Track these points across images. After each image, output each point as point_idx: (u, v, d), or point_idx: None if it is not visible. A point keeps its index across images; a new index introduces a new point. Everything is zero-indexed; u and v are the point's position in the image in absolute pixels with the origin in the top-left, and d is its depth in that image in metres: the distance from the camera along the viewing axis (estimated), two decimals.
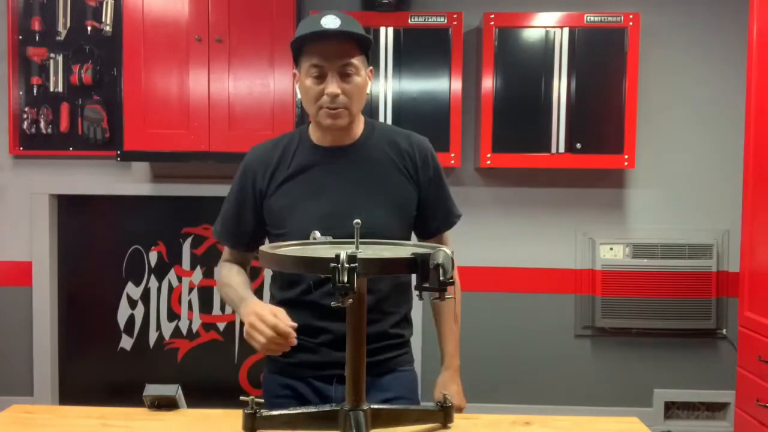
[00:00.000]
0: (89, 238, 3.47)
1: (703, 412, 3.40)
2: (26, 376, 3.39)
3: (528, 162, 3.10)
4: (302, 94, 1.51)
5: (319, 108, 1.47)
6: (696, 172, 3.33)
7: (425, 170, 1.56)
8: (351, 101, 1.47)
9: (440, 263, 1.06)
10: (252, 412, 1.23)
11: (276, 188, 1.54)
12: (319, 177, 1.52)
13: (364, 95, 1.52)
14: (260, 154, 1.59)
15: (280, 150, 1.57)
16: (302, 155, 1.55)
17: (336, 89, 1.44)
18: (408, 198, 1.55)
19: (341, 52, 1.45)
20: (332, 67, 1.44)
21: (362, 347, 1.19)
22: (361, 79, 1.48)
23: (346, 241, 1.25)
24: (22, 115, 3.25)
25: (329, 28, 1.42)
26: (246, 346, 3.41)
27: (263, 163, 1.56)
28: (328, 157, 1.54)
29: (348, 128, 1.53)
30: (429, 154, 1.58)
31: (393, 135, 1.59)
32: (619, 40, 3.05)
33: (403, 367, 1.59)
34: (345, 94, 1.46)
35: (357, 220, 1.17)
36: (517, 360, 3.37)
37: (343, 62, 1.44)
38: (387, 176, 1.53)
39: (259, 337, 1.32)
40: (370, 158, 1.54)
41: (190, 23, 2.99)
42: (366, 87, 1.51)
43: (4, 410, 1.45)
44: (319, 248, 1.24)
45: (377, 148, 1.55)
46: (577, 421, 1.42)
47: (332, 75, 1.44)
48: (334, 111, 1.46)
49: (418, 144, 1.57)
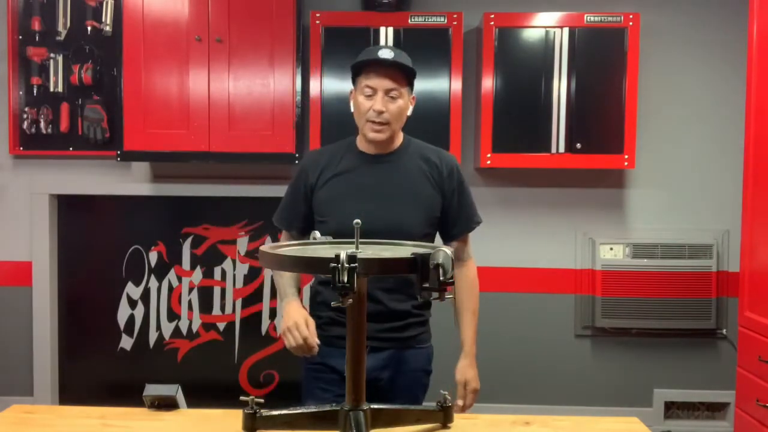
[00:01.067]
0: (89, 238, 3.47)
1: (703, 412, 3.40)
2: (26, 376, 3.39)
3: (528, 162, 3.10)
4: (354, 108, 1.82)
5: (366, 121, 1.78)
6: (696, 172, 3.33)
7: (450, 181, 1.85)
8: (392, 119, 1.77)
9: (440, 263, 1.06)
10: (252, 412, 1.24)
11: (324, 183, 1.83)
12: (360, 177, 1.82)
13: (405, 117, 1.82)
14: (314, 157, 1.91)
15: (330, 154, 1.88)
16: (348, 159, 1.85)
17: (381, 107, 1.75)
18: (432, 201, 1.83)
19: (391, 79, 1.76)
20: (381, 89, 1.76)
21: (362, 347, 1.19)
22: (403, 103, 1.79)
23: (346, 241, 1.25)
24: (22, 115, 3.25)
25: (385, 58, 1.74)
26: (246, 346, 3.44)
27: (315, 164, 1.87)
28: (369, 162, 1.84)
29: (389, 142, 1.82)
30: (454, 168, 1.87)
31: (425, 150, 1.88)
32: (619, 40, 3.05)
33: (422, 344, 1.87)
34: (389, 113, 1.76)
35: (357, 221, 1.17)
36: (517, 360, 3.37)
37: (391, 87, 1.76)
38: (416, 181, 1.82)
39: (291, 340, 1.65)
40: (404, 166, 1.83)
41: (190, 23, 2.99)
42: (407, 110, 1.82)
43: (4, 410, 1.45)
44: (319, 248, 1.24)
45: (411, 159, 1.85)
46: (577, 421, 1.42)
47: (381, 95, 1.76)
48: (378, 126, 1.77)
49: (445, 159, 1.88)
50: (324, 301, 1.86)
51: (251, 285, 3.44)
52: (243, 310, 3.44)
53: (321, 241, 1.29)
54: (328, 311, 1.83)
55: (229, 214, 3.41)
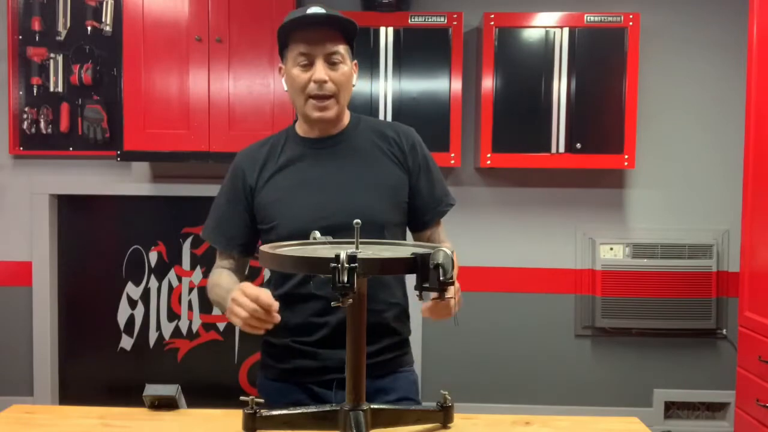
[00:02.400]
0: (89, 238, 3.47)
1: (703, 412, 3.40)
2: (26, 376, 3.39)
3: (528, 162, 3.10)
4: (289, 85, 1.51)
5: (307, 98, 1.47)
6: (696, 172, 3.33)
7: (413, 156, 1.56)
8: (339, 89, 1.47)
9: (440, 263, 1.06)
10: (252, 412, 1.23)
11: (265, 183, 1.53)
12: (307, 168, 1.52)
13: (351, 86, 1.52)
14: (248, 153, 1.59)
15: (268, 147, 1.58)
16: (290, 149, 1.55)
17: (324, 75, 1.44)
18: (399, 181, 1.54)
19: (328, 39, 1.45)
20: (319, 54, 1.45)
21: (362, 347, 1.19)
22: (347, 69, 1.48)
23: (346, 241, 1.25)
24: (22, 115, 3.25)
25: (317, 13, 1.44)
26: (246, 346, 3.43)
27: (251, 161, 1.56)
28: (315, 148, 1.54)
29: (336, 121, 1.53)
30: (416, 141, 1.58)
31: (378, 125, 1.61)
32: (619, 40, 3.05)
33: (404, 368, 1.57)
34: (333, 82, 1.46)
35: (357, 221, 1.16)
36: (517, 360, 3.37)
37: (330, 49, 1.45)
38: (376, 162, 1.53)
39: (240, 310, 1.24)
40: (358, 147, 1.54)
41: (190, 23, 2.99)
42: (352, 78, 1.52)
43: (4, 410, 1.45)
44: (318, 248, 1.24)
45: (364, 138, 1.55)
46: (577, 421, 1.42)
47: (319, 62, 1.45)
48: (321, 102, 1.46)
49: (404, 132, 1.58)
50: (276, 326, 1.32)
51: None
52: None
53: (321, 241, 1.29)
54: (283, 337, 1.50)
55: None
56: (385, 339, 1.52)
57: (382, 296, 1.50)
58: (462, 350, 3.27)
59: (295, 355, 1.50)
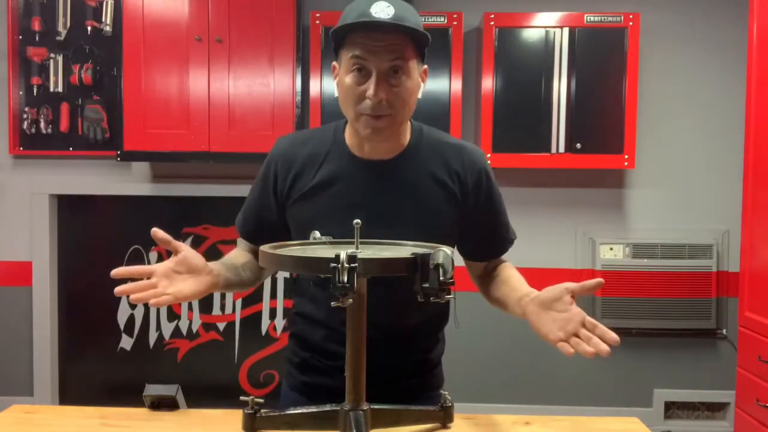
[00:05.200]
0: (89, 238, 3.47)
1: (703, 412, 3.40)
2: (26, 376, 3.39)
3: (528, 162, 3.10)
4: (340, 92, 1.28)
5: (359, 114, 1.25)
6: (696, 172, 3.33)
7: (476, 195, 1.36)
8: (397, 109, 1.25)
9: (440, 263, 1.05)
10: (252, 412, 1.23)
11: (299, 195, 1.34)
12: (350, 192, 1.32)
13: (415, 102, 1.29)
14: (285, 152, 1.37)
15: (308, 150, 1.35)
16: (334, 163, 1.33)
17: (380, 93, 1.21)
18: (447, 226, 1.36)
19: (391, 48, 1.21)
20: (379, 65, 1.21)
21: (362, 347, 1.19)
22: (412, 84, 1.26)
23: (346, 241, 1.24)
24: (22, 115, 3.25)
25: (380, 17, 1.18)
26: (246, 346, 3.43)
27: (287, 163, 1.36)
28: (363, 170, 1.32)
29: (393, 140, 1.32)
30: (483, 173, 1.36)
31: (443, 148, 1.37)
32: (619, 40, 3.05)
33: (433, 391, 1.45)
34: (390, 101, 1.23)
35: (357, 220, 1.16)
36: (517, 360, 3.37)
37: (393, 61, 1.21)
38: (428, 200, 1.33)
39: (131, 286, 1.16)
40: (412, 177, 1.33)
41: (190, 23, 2.99)
42: (417, 92, 1.29)
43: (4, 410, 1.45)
44: (319, 248, 1.24)
45: (422, 164, 1.34)
46: (577, 421, 1.42)
47: (378, 75, 1.21)
48: (375, 119, 1.24)
49: (470, 162, 1.36)
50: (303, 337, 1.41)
51: None
52: (243, 310, 3.44)
53: (321, 241, 1.29)
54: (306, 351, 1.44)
55: (229, 214, 3.38)
56: (413, 379, 1.43)
57: (414, 339, 1.40)
58: (462, 350, 3.27)
59: (315, 371, 1.43)
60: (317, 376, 1.44)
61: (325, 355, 1.42)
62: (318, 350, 1.43)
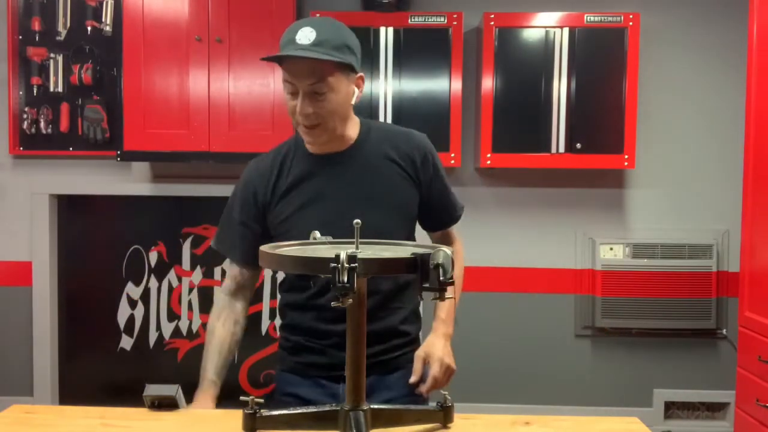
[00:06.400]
0: (89, 238, 3.47)
1: (703, 412, 3.40)
2: (26, 376, 3.39)
3: (528, 162, 3.10)
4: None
5: (297, 124, 1.45)
6: (696, 172, 3.33)
7: (425, 170, 1.55)
8: (325, 119, 1.43)
9: (440, 263, 1.06)
10: (252, 412, 1.23)
11: (278, 200, 1.53)
12: (316, 185, 1.51)
13: (345, 108, 1.46)
14: (257, 169, 1.57)
15: (279, 161, 1.55)
16: (298, 165, 1.53)
17: (307, 108, 1.40)
18: (408, 199, 1.55)
19: (310, 72, 1.38)
20: (302, 86, 1.39)
21: (362, 347, 1.19)
22: (337, 96, 1.42)
23: (346, 241, 1.25)
24: (22, 115, 3.25)
25: (301, 43, 1.37)
26: (246, 346, 3.43)
27: (263, 176, 1.55)
28: (322, 165, 1.52)
29: (337, 137, 1.50)
30: (428, 152, 1.57)
31: (391, 135, 1.57)
32: (619, 40, 3.05)
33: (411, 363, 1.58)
34: (317, 113, 1.41)
35: (357, 220, 1.17)
36: (517, 360, 3.37)
37: (313, 84, 1.39)
38: (385, 179, 1.52)
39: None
40: (367, 162, 1.52)
41: (190, 23, 2.99)
42: (348, 99, 1.46)
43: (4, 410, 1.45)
44: (319, 248, 1.24)
45: (374, 151, 1.53)
46: (577, 421, 1.42)
47: (303, 94, 1.40)
48: (309, 129, 1.44)
49: (417, 144, 1.56)
50: (292, 325, 1.60)
51: None
52: None
53: (321, 241, 1.29)
54: (298, 335, 1.59)
55: None
56: (393, 340, 1.58)
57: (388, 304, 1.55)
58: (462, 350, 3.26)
59: (307, 351, 1.57)
60: (309, 356, 1.58)
61: (317, 335, 1.56)
62: (310, 332, 1.56)
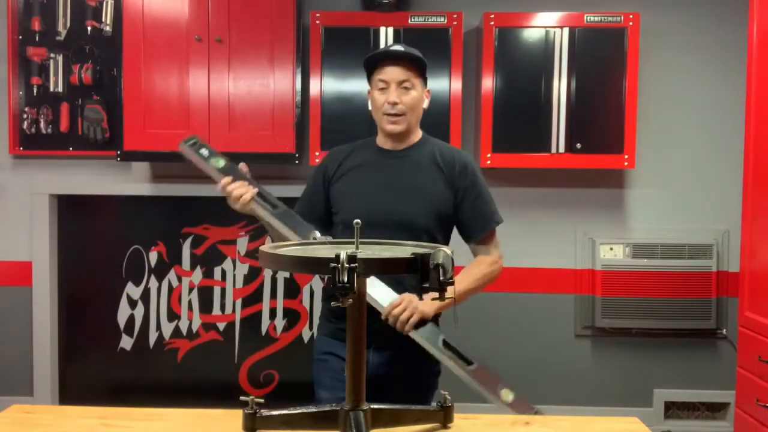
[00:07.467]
0: (89, 238, 3.47)
1: (703, 412, 3.40)
2: (26, 376, 3.39)
3: (528, 162, 3.10)
4: (372, 104, 1.87)
5: (383, 115, 1.83)
6: (696, 172, 3.33)
7: (462, 178, 1.86)
8: (407, 110, 1.82)
9: (440, 263, 1.06)
10: (252, 412, 1.24)
11: (340, 177, 1.90)
12: (372, 171, 1.87)
13: (420, 109, 1.87)
14: (334, 151, 1.97)
15: (351, 149, 1.95)
16: (365, 154, 1.91)
17: (395, 98, 1.80)
18: (441, 197, 1.84)
19: (403, 71, 1.81)
20: (394, 81, 1.81)
21: (362, 347, 1.19)
22: (417, 94, 1.83)
23: (346, 241, 1.25)
24: (22, 115, 3.25)
25: (396, 50, 1.84)
26: (246, 346, 3.43)
27: (334, 158, 1.94)
28: (383, 156, 1.89)
29: (405, 136, 1.87)
30: (469, 165, 1.88)
31: (442, 148, 1.92)
32: (619, 40, 3.05)
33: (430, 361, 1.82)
34: (403, 104, 1.81)
35: (357, 221, 1.17)
36: (517, 360, 3.37)
37: (403, 78, 1.81)
38: (427, 178, 1.85)
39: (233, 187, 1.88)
40: (419, 162, 1.87)
41: (190, 23, 2.99)
42: (422, 102, 1.86)
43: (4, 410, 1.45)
44: (319, 248, 1.24)
45: (427, 155, 1.88)
46: (577, 421, 1.42)
47: (394, 87, 1.81)
48: (393, 118, 1.82)
49: (461, 158, 1.90)
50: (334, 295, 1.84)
51: (251, 285, 3.44)
52: (243, 310, 3.44)
53: (321, 241, 1.29)
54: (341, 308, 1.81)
55: (229, 214, 3.35)
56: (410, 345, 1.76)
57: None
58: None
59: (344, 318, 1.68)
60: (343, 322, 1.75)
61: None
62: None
